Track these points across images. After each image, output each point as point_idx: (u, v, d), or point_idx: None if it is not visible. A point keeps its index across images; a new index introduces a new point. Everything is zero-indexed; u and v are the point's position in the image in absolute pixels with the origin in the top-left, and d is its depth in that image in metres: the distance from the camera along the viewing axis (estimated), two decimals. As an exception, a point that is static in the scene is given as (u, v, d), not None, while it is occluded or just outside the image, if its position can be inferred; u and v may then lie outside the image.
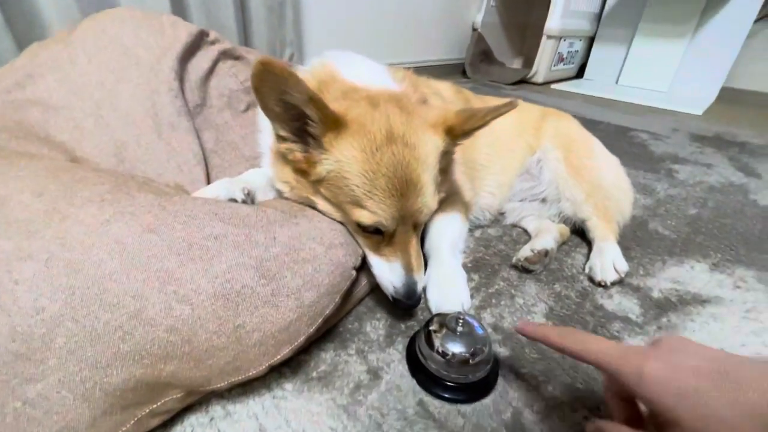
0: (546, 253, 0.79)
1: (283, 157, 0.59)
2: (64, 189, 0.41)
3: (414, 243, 0.61)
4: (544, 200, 0.90)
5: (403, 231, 0.59)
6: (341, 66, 0.67)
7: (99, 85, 0.67)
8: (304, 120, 0.53)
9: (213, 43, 0.78)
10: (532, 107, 1.03)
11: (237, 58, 0.80)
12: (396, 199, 0.55)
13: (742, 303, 0.73)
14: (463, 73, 3.04)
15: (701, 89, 2.66)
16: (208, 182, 0.65)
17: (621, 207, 0.87)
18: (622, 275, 0.75)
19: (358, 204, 0.56)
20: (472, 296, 0.71)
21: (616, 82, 3.01)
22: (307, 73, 0.66)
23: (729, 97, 2.69)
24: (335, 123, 0.52)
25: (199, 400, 0.48)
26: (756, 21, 2.51)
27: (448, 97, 0.88)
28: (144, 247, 0.39)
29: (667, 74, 2.75)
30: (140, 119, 0.65)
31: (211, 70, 0.74)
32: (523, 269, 0.78)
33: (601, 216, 0.83)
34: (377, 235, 0.59)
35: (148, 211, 0.42)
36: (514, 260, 0.79)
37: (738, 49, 2.50)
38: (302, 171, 0.58)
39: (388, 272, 0.60)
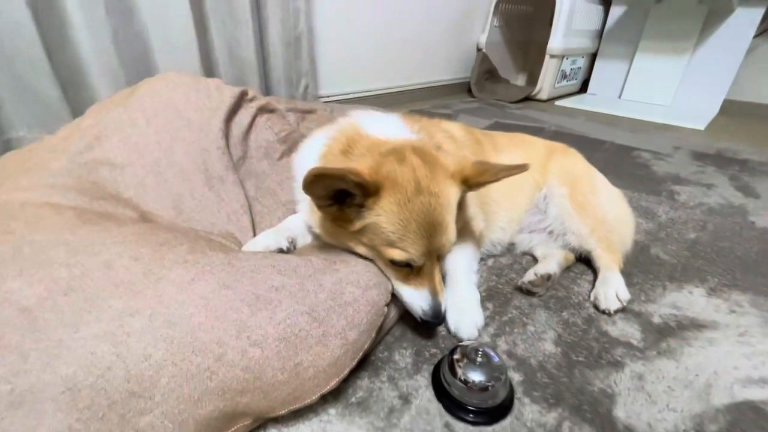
0: (549, 277, 0.88)
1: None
2: (153, 252, 0.51)
3: (437, 272, 0.71)
4: (551, 232, 0.98)
5: (429, 263, 0.69)
6: (364, 123, 0.77)
7: (156, 145, 0.77)
8: (344, 191, 0.63)
9: (251, 100, 0.88)
10: (539, 144, 1.11)
11: (271, 111, 0.90)
12: (426, 240, 0.66)
13: (736, 327, 0.79)
14: (469, 92, 3.14)
15: (704, 103, 2.72)
16: (253, 230, 0.74)
17: (623, 238, 0.95)
18: (624, 304, 0.82)
19: (393, 245, 0.66)
20: (487, 324, 0.79)
21: (620, 97, 3.08)
22: (337, 131, 0.75)
23: (732, 110, 2.75)
24: (375, 188, 0.61)
25: (259, 424, 0.57)
26: (756, 36, 2.58)
27: (459, 138, 0.97)
28: (222, 301, 0.48)
29: (670, 89, 2.82)
30: (193, 174, 0.75)
31: (250, 125, 0.84)
32: (527, 292, 0.87)
33: (605, 248, 0.91)
34: (407, 268, 0.69)
35: (221, 269, 0.51)
36: (519, 283, 0.88)
37: (738, 64, 2.57)
38: (339, 220, 0.67)
39: (417, 298, 0.70)
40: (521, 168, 0.68)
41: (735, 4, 2.41)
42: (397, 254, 0.66)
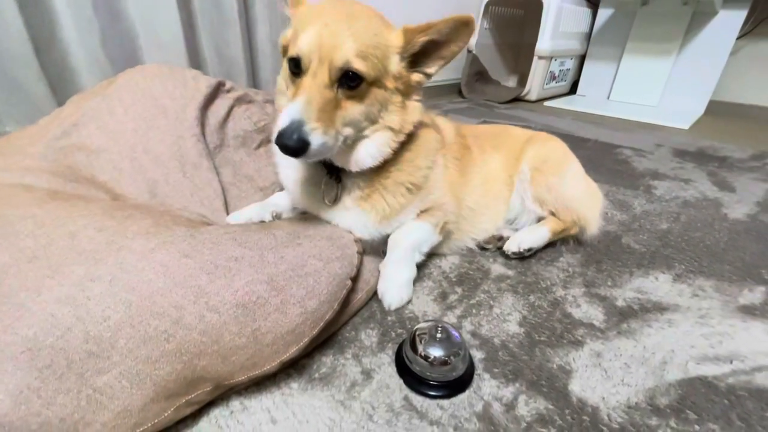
0: (500, 237, 0.99)
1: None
2: (118, 224, 0.53)
3: (324, 90, 0.62)
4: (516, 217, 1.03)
5: (319, 73, 0.62)
6: None
7: (133, 132, 0.79)
8: None
9: (229, 91, 0.90)
10: (521, 134, 1.14)
11: (250, 102, 0.92)
12: (317, 37, 0.61)
13: (697, 310, 0.82)
14: (459, 93, 3.18)
15: (690, 103, 2.76)
16: (227, 212, 0.77)
17: (580, 215, 0.99)
18: (520, 250, 0.93)
19: (293, 41, 0.64)
20: (454, 306, 0.81)
21: (608, 98, 3.12)
22: None
23: (717, 110, 2.80)
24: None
25: (221, 395, 0.59)
26: (739, 37, 2.63)
27: (448, 140, 0.97)
28: (182, 269, 0.50)
29: (657, 89, 2.87)
30: (168, 161, 0.77)
31: (227, 115, 0.86)
32: (481, 248, 1.00)
33: (556, 215, 0.98)
34: (298, 79, 0.64)
35: (183, 240, 0.53)
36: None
37: (723, 65, 2.61)
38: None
39: (282, 115, 0.60)
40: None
41: (718, 6, 2.46)
42: (290, 49, 0.63)
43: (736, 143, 2.05)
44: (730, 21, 2.52)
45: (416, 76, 0.73)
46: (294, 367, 0.66)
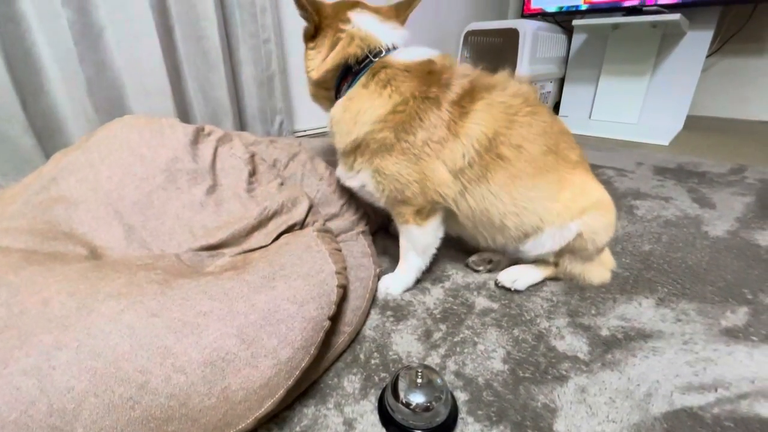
0: (489, 260, 1.01)
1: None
2: (90, 287, 0.53)
3: None
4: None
5: None
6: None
7: (108, 179, 0.81)
8: None
9: (209, 134, 0.92)
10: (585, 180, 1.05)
11: (231, 140, 0.95)
12: None
13: (681, 335, 0.81)
14: (446, 119, 3.25)
15: (667, 119, 2.84)
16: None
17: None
18: (510, 286, 0.95)
19: None
20: (438, 345, 0.80)
21: (590, 117, 3.21)
22: None
23: (695, 125, 2.87)
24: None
25: (196, 456, 0.57)
26: (709, 55, 2.74)
27: None
28: (148, 330, 0.50)
29: (635, 107, 2.95)
30: (145, 208, 0.78)
31: (214, 156, 0.88)
32: (470, 268, 1.03)
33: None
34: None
35: (152, 298, 0.53)
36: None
37: (695, 82, 2.70)
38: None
39: None
40: None
41: (685, 28, 2.57)
42: None
43: (715, 157, 2.10)
44: (698, 40, 2.63)
45: None
46: (274, 421, 0.64)
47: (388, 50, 0.85)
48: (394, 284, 0.95)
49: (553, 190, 0.88)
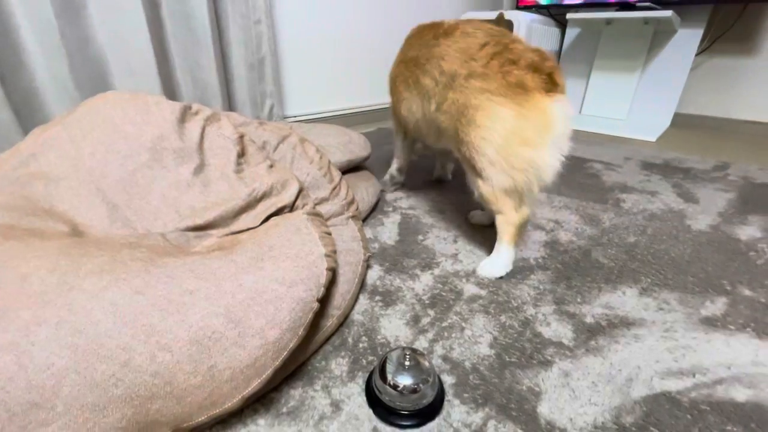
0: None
1: None
2: (71, 263, 0.51)
3: None
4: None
5: None
6: None
7: (90, 156, 0.78)
8: None
9: (196, 113, 0.90)
10: None
11: (219, 119, 0.92)
12: None
13: (662, 324, 0.84)
14: (438, 110, 3.24)
15: (656, 116, 2.88)
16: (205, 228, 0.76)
17: None
18: (489, 275, 0.99)
19: None
20: (426, 330, 0.80)
21: (580, 112, 3.23)
22: None
23: (682, 123, 2.93)
24: None
25: (183, 436, 0.57)
26: (698, 54, 2.77)
27: None
28: (132, 307, 0.48)
29: (625, 103, 2.99)
30: (129, 186, 0.76)
31: (201, 136, 0.86)
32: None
33: None
34: None
35: (136, 276, 0.52)
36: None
37: (684, 79, 2.74)
38: None
39: None
40: None
41: (676, 25, 2.60)
42: None
43: (700, 154, 2.14)
44: (688, 39, 2.66)
45: None
46: (261, 402, 0.64)
47: None
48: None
49: None
